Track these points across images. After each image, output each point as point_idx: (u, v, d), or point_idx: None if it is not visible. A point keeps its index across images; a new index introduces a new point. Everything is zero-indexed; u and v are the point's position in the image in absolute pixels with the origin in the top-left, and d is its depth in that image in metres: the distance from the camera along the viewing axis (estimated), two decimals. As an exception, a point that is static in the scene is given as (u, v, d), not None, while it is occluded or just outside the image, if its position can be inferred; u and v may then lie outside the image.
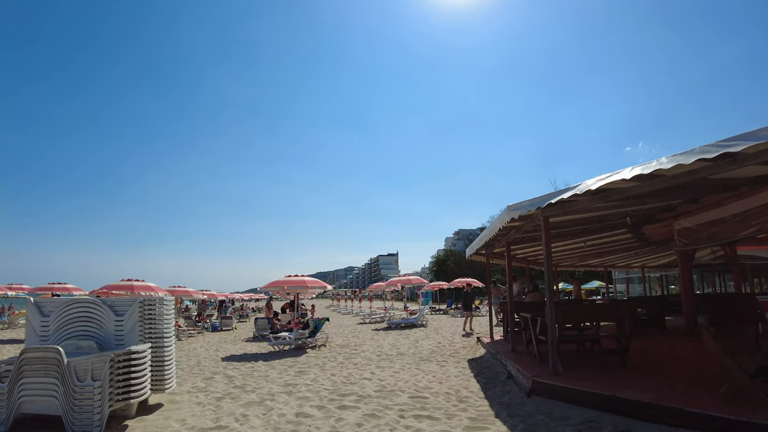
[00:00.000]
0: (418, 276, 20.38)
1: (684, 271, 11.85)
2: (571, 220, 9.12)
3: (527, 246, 12.43)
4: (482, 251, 12.23)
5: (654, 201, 8.00)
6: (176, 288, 18.11)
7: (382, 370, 8.43)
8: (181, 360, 11.18)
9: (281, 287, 12.67)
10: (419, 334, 14.76)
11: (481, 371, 8.12)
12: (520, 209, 6.22)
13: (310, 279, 12.90)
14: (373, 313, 25.56)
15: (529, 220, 7.31)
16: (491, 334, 11.70)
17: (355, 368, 8.82)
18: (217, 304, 30.78)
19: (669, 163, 4.45)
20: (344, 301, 47.12)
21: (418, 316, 17.87)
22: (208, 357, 11.69)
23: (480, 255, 12.82)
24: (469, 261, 53.71)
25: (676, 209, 10.09)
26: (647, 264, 21.22)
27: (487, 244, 10.05)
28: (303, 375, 8.38)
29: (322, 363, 9.69)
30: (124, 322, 6.32)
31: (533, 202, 6.03)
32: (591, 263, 19.07)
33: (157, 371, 6.40)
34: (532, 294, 11.26)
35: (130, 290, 12.71)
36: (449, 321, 20.26)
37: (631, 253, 16.61)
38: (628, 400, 4.84)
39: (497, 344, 10.16)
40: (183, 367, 9.93)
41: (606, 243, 13.78)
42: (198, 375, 8.90)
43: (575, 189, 5.45)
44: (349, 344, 12.72)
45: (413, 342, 12.57)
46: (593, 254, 16.10)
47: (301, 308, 25.95)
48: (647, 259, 19.31)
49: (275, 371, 8.97)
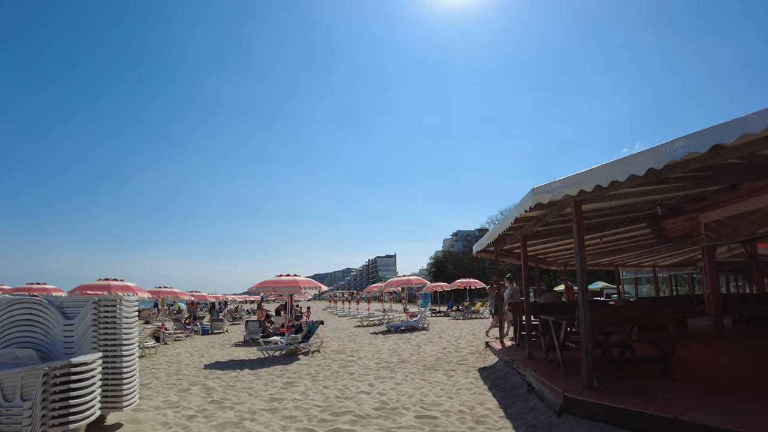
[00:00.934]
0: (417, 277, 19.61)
1: (710, 269, 10.86)
2: (594, 211, 8.12)
3: (539, 242, 11.43)
4: (491, 248, 11.22)
5: (693, 186, 7.03)
6: (162, 288, 17.01)
7: (382, 382, 7.37)
8: (161, 367, 10.13)
9: (271, 288, 11.61)
10: (421, 338, 13.72)
11: (496, 382, 7.08)
12: (550, 192, 5.18)
13: (303, 279, 11.85)
14: (371, 316, 24.50)
15: (555, 207, 6.28)
16: (501, 338, 10.67)
17: (351, 379, 7.76)
18: (210, 306, 29.71)
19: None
20: (341, 303, 46.03)
21: (419, 318, 16.83)
22: (190, 364, 10.63)
23: (488, 252, 11.80)
24: (468, 262, 52.10)
25: (708, 198, 9.12)
26: (658, 263, 20.25)
27: (499, 239, 9.03)
28: (292, 387, 7.32)
29: (314, 372, 8.64)
30: (75, 326, 5.27)
31: (566, 182, 4.99)
32: (601, 262, 18.09)
33: (113, 386, 5.35)
34: (546, 294, 10.25)
35: (107, 290, 11.64)
36: (452, 324, 19.21)
37: (645, 251, 15.64)
38: (698, 426, 3.81)
39: (510, 350, 9.13)
40: (160, 376, 8.88)
41: (621, 239, 12.79)
42: (173, 386, 7.83)
43: (618, 165, 4.42)
44: (346, 350, 11.66)
45: (415, 347, 11.52)
46: (606, 252, 15.11)
47: (296, 310, 24.90)
48: (659, 257, 18.34)
49: (261, 382, 7.92)
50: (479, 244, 10.25)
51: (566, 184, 5.00)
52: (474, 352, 10.34)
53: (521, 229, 8.23)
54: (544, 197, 5.32)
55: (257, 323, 16.92)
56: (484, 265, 72.37)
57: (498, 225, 7.91)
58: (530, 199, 5.55)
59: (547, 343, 7.73)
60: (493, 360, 9.07)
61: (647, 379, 5.78)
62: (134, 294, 11.99)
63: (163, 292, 16.96)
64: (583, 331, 5.35)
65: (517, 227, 8.15)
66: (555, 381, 5.79)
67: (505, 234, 8.62)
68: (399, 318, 22.65)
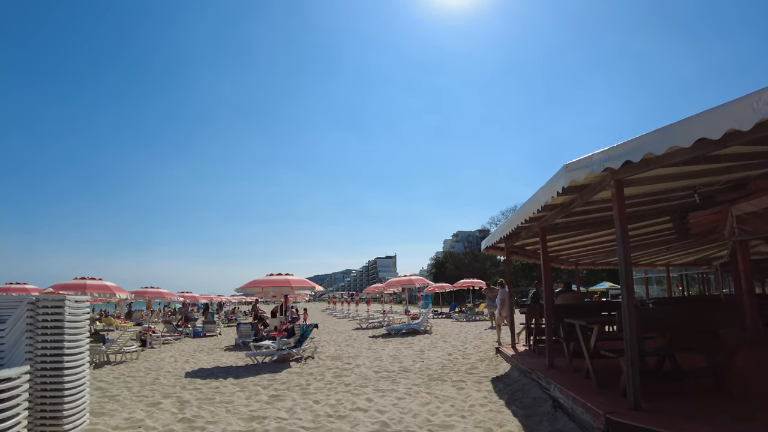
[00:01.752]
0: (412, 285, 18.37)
1: (743, 267, 9.88)
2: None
3: (552, 238, 10.46)
4: (501, 244, 10.23)
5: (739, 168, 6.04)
6: (148, 289, 16.03)
7: (382, 396, 6.38)
8: (137, 375, 9.16)
9: (260, 288, 10.63)
10: (424, 342, 12.72)
11: (514, 396, 6.10)
12: (588, 167, 4.19)
13: (295, 279, 10.86)
14: (370, 318, 23.51)
15: (586, 192, 5.31)
16: (513, 343, 9.68)
17: (346, 392, 6.76)
18: (203, 307, 28.71)
19: None
20: (341, 305, 45.04)
21: (421, 321, 15.83)
22: (171, 371, 9.66)
23: (497, 249, 10.81)
24: (469, 263, 50.87)
25: (747, 186, 8.14)
26: (672, 262, 19.25)
27: (513, 233, 8.05)
28: (277, 402, 6.34)
29: (305, 383, 7.65)
30: (6, 332, 4.30)
31: (609, 153, 4.01)
32: (614, 261, 17.08)
33: (52, 405, 4.37)
34: (564, 295, 9.26)
35: (83, 289, 10.67)
36: (455, 326, 18.20)
37: (662, 248, 14.65)
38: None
39: (524, 357, 8.14)
40: (132, 386, 7.90)
41: (639, 236, 11.81)
42: (144, 399, 6.85)
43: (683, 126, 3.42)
44: (342, 356, 10.67)
45: (418, 353, 10.53)
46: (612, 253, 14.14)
47: (293, 312, 23.90)
48: (675, 255, 17.34)
49: (243, 395, 6.93)
50: (489, 239, 9.27)
51: (609, 156, 4.02)
52: (483, 358, 9.36)
53: (541, 220, 7.26)
54: (579, 174, 4.33)
55: (249, 326, 15.94)
56: (484, 266, 71.46)
57: (516, 215, 6.91)
58: (562, 177, 4.56)
59: (571, 350, 6.74)
60: (506, 368, 8.09)
61: (699, 396, 4.81)
62: (112, 294, 11.02)
63: (149, 293, 15.97)
64: (629, 337, 4.37)
65: (538, 218, 7.17)
66: (590, 397, 4.82)
67: (521, 227, 7.65)
68: (399, 320, 21.64)
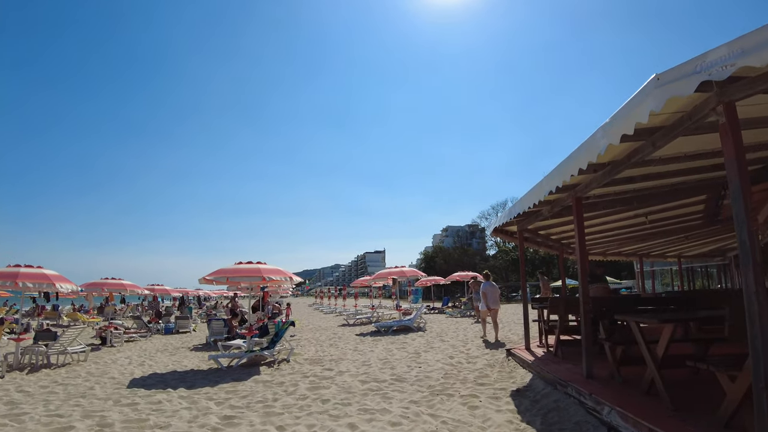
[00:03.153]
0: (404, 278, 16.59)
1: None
2: (652, 176, 5.62)
3: (568, 221, 8.91)
4: (511, 227, 8.65)
5: None
6: (108, 281, 14.19)
7: (371, 420, 4.73)
8: (72, 383, 7.52)
9: (225, 277, 8.91)
10: (418, 342, 11.11)
11: (548, 420, 4.50)
12: (707, 69, 2.57)
13: (267, 267, 9.15)
14: (358, 313, 21.88)
15: (661, 133, 3.71)
16: (527, 344, 8.11)
17: (322, 413, 5.10)
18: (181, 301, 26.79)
19: None
20: (328, 299, 43.33)
21: (414, 317, 14.23)
22: (116, 377, 7.98)
23: (505, 234, 9.23)
24: (459, 257, 49.32)
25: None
26: (684, 253, 17.84)
27: (531, 210, 6.41)
28: (228, 428, 4.68)
29: (272, 397, 5.98)
30: None
31: (743, 44, 2.39)
32: (625, 250, 15.62)
33: None
34: (594, 287, 7.68)
35: (13, 279, 8.86)
36: (451, 323, 16.60)
37: (681, 236, 13.18)
38: None
39: (547, 363, 6.56)
40: (52, 400, 6.20)
41: (661, 220, 10.31)
42: (55, 420, 5.17)
43: None
44: (323, 358, 9.00)
45: (413, 356, 8.91)
46: (638, 237, 12.64)
47: (275, 307, 22.19)
48: (691, 245, 15.92)
49: (188, 414, 5.26)
50: (501, 219, 7.65)
51: (743, 50, 2.40)
52: (492, 362, 7.76)
53: (576, 188, 5.66)
54: (687, 85, 2.70)
55: (222, 322, 14.22)
56: (474, 261, 70.16)
57: (545, 181, 5.26)
58: (649, 98, 2.93)
59: (618, 356, 5.17)
60: (525, 377, 6.50)
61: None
62: (51, 284, 9.24)
63: (109, 285, 14.14)
64: (762, 346, 2.77)
65: (572, 185, 5.58)
66: (669, 427, 3.24)
67: (548, 200, 6.05)
68: (390, 316, 20.03)
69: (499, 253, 68.40)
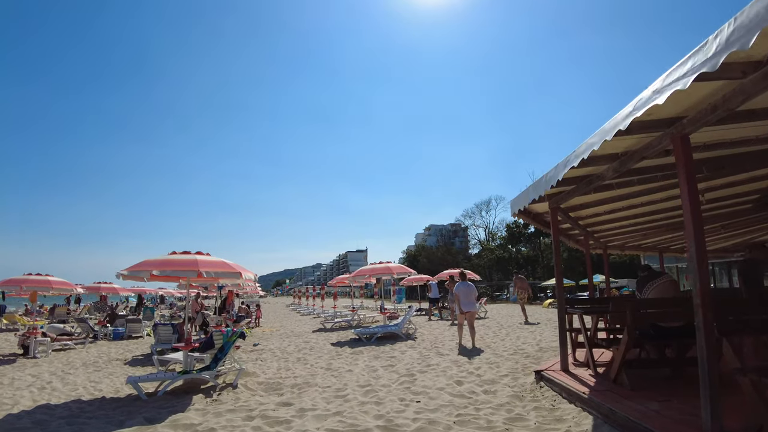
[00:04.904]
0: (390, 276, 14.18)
1: None
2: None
3: (594, 202, 6.76)
4: (538, 206, 6.44)
5: None
6: (30, 277, 11.53)
7: None
8: None
9: (148, 272, 6.47)
10: (410, 355, 8.80)
11: None
12: None
13: (207, 259, 6.73)
14: (337, 315, 19.49)
15: None
16: (564, 364, 5.87)
17: None
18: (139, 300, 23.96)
19: None
20: (307, 299, 40.72)
21: (401, 322, 11.92)
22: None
23: (528, 216, 7.03)
24: (442, 256, 47.07)
25: None
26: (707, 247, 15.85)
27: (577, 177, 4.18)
28: None
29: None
30: None
31: None
32: (645, 243, 13.56)
33: None
34: (659, 283, 5.43)
35: None
36: (442, 328, 14.32)
37: (717, 225, 11.15)
38: None
39: (614, 397, 4.33)
40: None
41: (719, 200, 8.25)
42: None
43: None
44: (283, 384, 6.60)
45: (405, 378, 6.60)
46: (669, 226, 10.54)
47: (242, 309, 19.69)
48: (719, 238, 13.94)
49: None
50: (531, 192, 5.36)
51: None
52: (520, 391, 5.50)
53: (681, 123, 3.42)
54: None
55: (170, 328, 11.69)
56: (457, 260, 68.22)
57: (632, 105, 3.04)
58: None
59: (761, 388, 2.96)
60: (579, 418, 4.24)
61: None
62: None
63: (29, 282, 11.49)
64: None
65: (677, 119, 3.37)
66: None
67: (607, 156, 3.85)
68: (373, 319, 17.69)
69: (483, 251, 66.74)
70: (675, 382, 5.02)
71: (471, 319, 9.91)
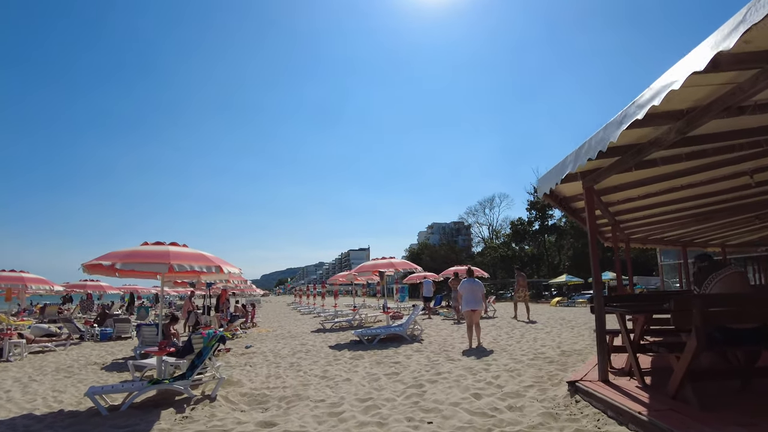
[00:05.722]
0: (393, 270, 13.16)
1: None
2: None
3: (631, 182, 5.81)
4: (568, 187, 5.47)
5: None
6: (1, 274, 10.59)
7: None
8: None
9: (110, 262, 5.53)
10: (416, 360, 7.83)
11: None
12: None
13: (180, 250, 5.80)
14: (337, 315, 18.55)
15: None
16: (604, 374, 4.89)
17: None
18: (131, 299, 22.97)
19: None
20: (308, 298, 39.70)
21: (406, 322, 10.95)
22: None
23: (556, 199, 6.07)
24: (445, 254, 45.91)
25: None
26: (729, 241, 14.85)
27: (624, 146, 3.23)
28: None
29: None
30: None
31: None
32: (668, 236, 12.55)
33: None
34: (724, 275, 4.45)
35: None
36: (450, 329, 13.31)
37: (751, 215, 10.14)
38: None
39: (683, 422, 3.37)
40: None
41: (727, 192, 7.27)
42: None
43: None
44: (270, 397, 5.66)
45: (413, 389, 5.63)
46: (693, 218, 9.54)
47: (237, 309, 18.75)
48: (741, 231, 12.95)
49: None
50: (569, 162, 4.38)
51: None
52: (552, 408, 4.54)
53: None
54: None
55: (154, 329, 10.76)
56: (461, 258, 67.05)
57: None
58: None
59: None
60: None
61: None
62: None
63: (6, 279, 10.53)
64: None
65: None
66: None
67: (669, 112, 2.90)
68: (375, 319, 16.73)
69: (487, 249, 65.65)
70: (747, 397, 4.07)
71: (476, 318, 9.31)
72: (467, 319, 9.37)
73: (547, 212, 53.62)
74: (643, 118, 3.12)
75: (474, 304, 9.21)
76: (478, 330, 9.27)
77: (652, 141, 3.94)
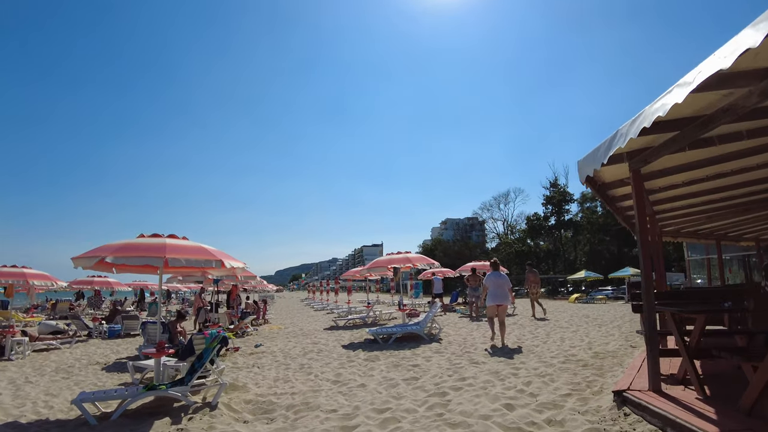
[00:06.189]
0: (410, 265, 12.66)
1: None
2: None
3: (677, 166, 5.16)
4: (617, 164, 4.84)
5: None
6: (2, 269, 10.24)
7: None
8: None
9: (98, 256, 5.04)
10: (437, 363, 7.23)
11: None
12: None
13: (178, 243, 5.29)
14: (351, 311, 18.05)
15: None
16: (655, 383, 4.27)
17: None
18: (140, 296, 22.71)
19: None
20: (320, 294, 39.29)
21: (424, 320, 10.36)
22: None
23: (596, 186, 5.44)
24: (459, 250, 44.89)
25: None
26: (764, 235, 13.98)
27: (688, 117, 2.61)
28: None
29: None
30: None
31: None
32: (702, 230, 11.78)
33: None
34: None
35: None
36: (470, 327, 12.69)
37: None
38: None
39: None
40: None
41: None
42: None
43: None
44: (277, 404, 5.13)
45: (437, 398, 5.05)
46: (733, 209, 8.81)
47: (248, 305, 18.33)
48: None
49: None
50: (620, 136, 3.74)
51: None
52: (597, 420, 3.93)
53: None
54: None
55: (160, 327, 10.31)
56: (475, 254, 66.06)
57: None
58: None
59: None
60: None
61: None
62: None
63: (7, 274, 10.19)
64: None
65: None
66: None
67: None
68: (390, 316, 16.18)
69: (501, 245, 64.62)
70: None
71: (502, 314, 8.77)
72: (489, 312, 9.00)
73: (563, 207, 52.55)
74: (718, 81, 2.52)
75: (500, 299, 8.76)
76: (503, 329, 8.71)
77: (725, 108, 3.30)
